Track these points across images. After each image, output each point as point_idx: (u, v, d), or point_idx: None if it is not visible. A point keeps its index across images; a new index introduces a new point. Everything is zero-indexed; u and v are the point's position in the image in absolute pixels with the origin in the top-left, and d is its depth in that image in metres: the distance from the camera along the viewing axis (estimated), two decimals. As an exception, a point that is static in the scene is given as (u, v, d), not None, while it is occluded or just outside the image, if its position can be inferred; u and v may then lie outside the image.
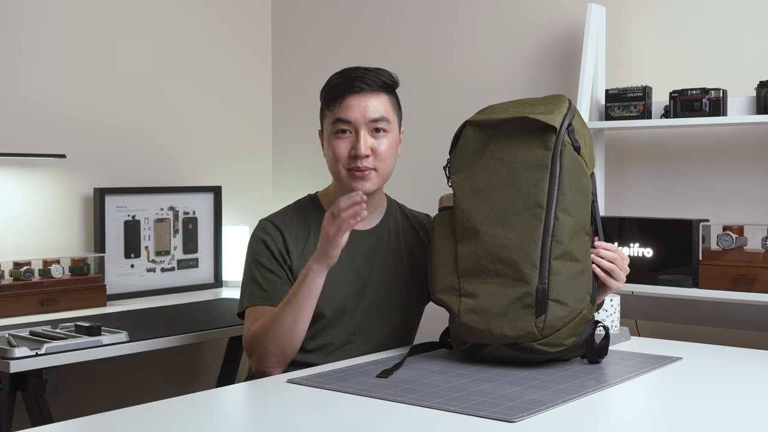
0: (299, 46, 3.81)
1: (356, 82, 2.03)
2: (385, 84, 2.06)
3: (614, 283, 1.91)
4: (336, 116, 2.03)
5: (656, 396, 1.74)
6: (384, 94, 2.06)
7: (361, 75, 2.04)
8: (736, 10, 2.82)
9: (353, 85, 2.03)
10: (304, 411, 1.59)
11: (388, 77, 2.07)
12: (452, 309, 1.87)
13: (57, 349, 2.28)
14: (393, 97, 2.10)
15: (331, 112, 2.05)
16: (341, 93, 2.04)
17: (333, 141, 2.05)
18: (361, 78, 2.03)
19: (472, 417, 1.50)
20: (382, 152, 2.04)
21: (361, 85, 2.03)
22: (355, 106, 2.02)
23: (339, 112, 2.03)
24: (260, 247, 2.07)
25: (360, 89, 2.03)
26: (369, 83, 2.03)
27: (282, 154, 3.88)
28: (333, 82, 2.07)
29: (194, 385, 3.47)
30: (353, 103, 2.03)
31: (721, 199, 2.84)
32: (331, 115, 2.05)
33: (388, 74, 2.08)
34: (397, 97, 2.11)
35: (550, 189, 1.82)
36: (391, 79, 2.08)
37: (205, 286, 3.49)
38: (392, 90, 2.09)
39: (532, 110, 1.88)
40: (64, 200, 3.16)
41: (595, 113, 2.92)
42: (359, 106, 2.02)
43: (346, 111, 2.02)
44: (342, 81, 2.05)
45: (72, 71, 3.18)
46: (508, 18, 3.27)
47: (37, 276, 2.92)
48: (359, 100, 2.03)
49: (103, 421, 1.50)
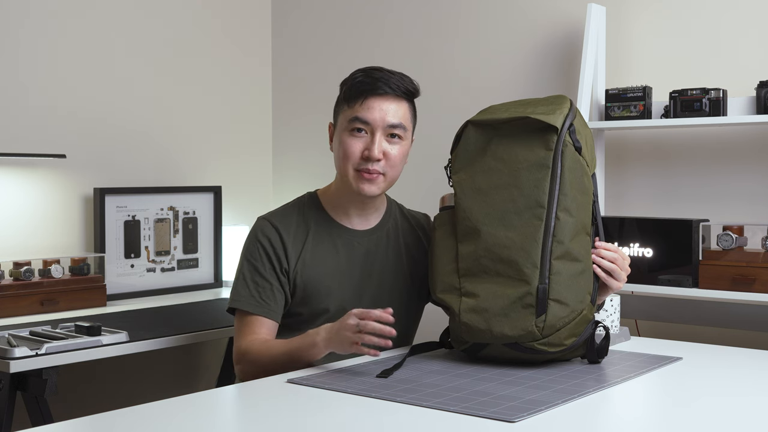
0: (299, 46, 3.81)
1: (381, 84, 2.01)
2: (408, 91, 2.05)
3: (615, 283, 1.91)
4: (355, 114, 2.02)
5: (656, 396, 1.74)
6: (405, 101, 2.05)
7: (386, 78, 2.02)
8: (737, 11, 2.82)
9: (378, 86, 2.01)
10: (304, 411, 1.59)
11: (411, 84, 2.06)
12: (453, 308, 1.87)
13: (57, 349, 2.28)
14: (412, 106, 2.09)
15: (350, 109, 2.03)
16: (364, 92, 2.02)
17: (346, 138, 2.03)
18: (385, 81, 2.02)
19: (472, 417, 1.50)
20: (393, 158, 2.03)
21: (385, 88, 2.01)
22: (376, 108, 2.01)
23: (359, 110, 2.01)
24: (256, 248, 2.06)
25: (384, 92, 2.01)
26: (392, 87, 2.02)
27: (282, 154, 3.88)
28: (356, 79, 2.04)
29: (194, 385, 3.47)
30: (375, 105, 2.01)
31: (721, 199, 2.84)
32: (350, 111, 2.03)
33: (411, 81, 2.06)
34: (414, 106, 2.10)
35: (551, 189, 1.82)
36: (413, 87, 2.06)
37: (205, 286, 3.49)
38: (412, 98, 2.08)
39: (534, 110, 1.88)
40: (64, 200, 3.15)
41: (595, 113, 2.92)
42: (380, 108, 2.01)
43: (367, 111, 2.01)
44: (366, 80, 2.03)
45: (72, 71, 3.18)
46: (509, 18, 3.27)
47: (37, 276, 2.92)
48: (381, 102, 2.01)
49: (103, 421, 1.50)
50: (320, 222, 2.10)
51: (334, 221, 2.11)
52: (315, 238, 2.08)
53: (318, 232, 2.09)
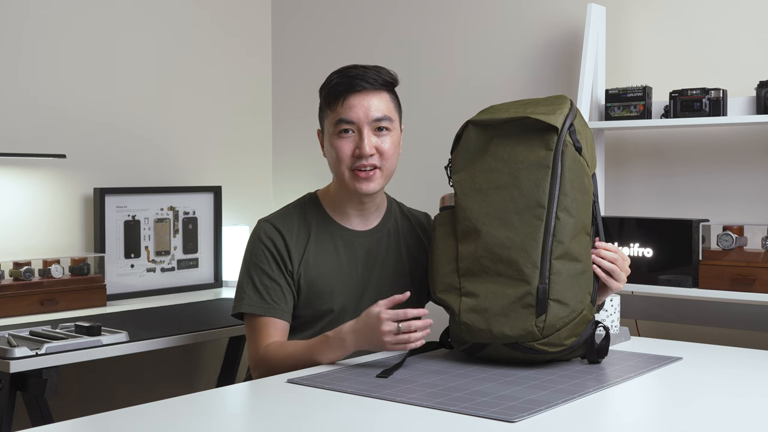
0: (299, 46, 3.81)
1: (357, 81, 2.02)
2: (386, 82, 2.05)
3: (615, 283, 1.91)
4: (338, 116, 2.02)
5: (656, 396, 1.74)
6: (385, 93, 2.05)
7: (362, 74, 2.03)
8: (737, 10, 2.82)
9: (354, 84, 2.01)
10: (304, 411, 1.59)
11: (388, 75, 2.06)
12: (453, 308, 1.87)
13: (57, 349, 2.28)
14: (393, 95, 2.09)
15: (333, 112, 2.04)
16: (342, 92, 2.02)
17: (336, 141, 2.03)
18: (361, 77, 2.02)
19: (472, 417, 1.50)
20: (386, 151, 2.03)
21: (362, 83, 2.02)
22: (357, 106, 2.01)
23: (341, 112, 2.02)
24: (260, 251, 2.05)
25: (362, 88, 2.02)
26: (370, 81, 2.02)
27: (282, 154, 3.88)
28: (332, 82, 2.05)
29: (194, 385, 3.47)
30: (355, 103, 2.01)
31: (721, 199, 2.84)
32: (333, 115, 2.03)
33: (387, 72, 2.07)
34: (396, 95, 2.10)
35: (552, 189, 1.82)
36: (391, 77, 2.06)
37: (205, 286, 3.49)
38: (392, 88, 2.08)
39: (534, 110, 1.88)
40: (64, 200, 3.15)
41: (595, 113, 2.92)
42: (361, 105, 2.01)
43: (349, 111, 2.01)
44: (342, 80, 2.03)
45: (72, 71, 3.18)
46: (508, 18, 3.27)
47: (37, 276, 2.92)
48: (361, 99, 2.02)
49: (103, 421, 1.50)
50: (321, 223, 2.10)
51: (335, 222, 2.11)
52: (317, 239, 2.08)
53: (319, 233, 2.09)
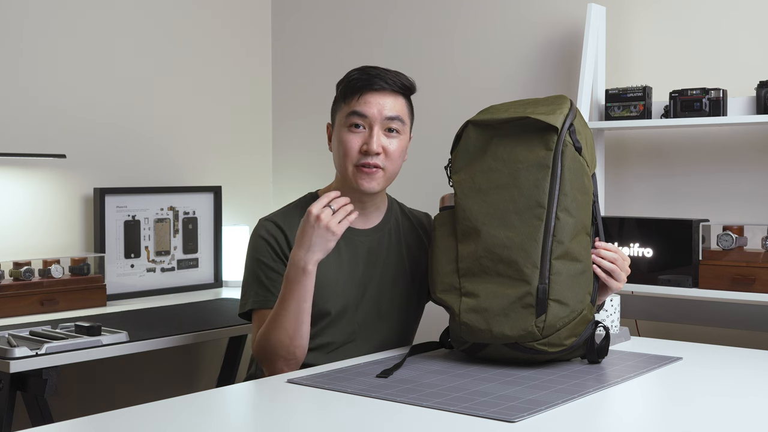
0: (299, 46, 3.81)
1: (377, 80, 2.03)
2: (405, 87, 2.07)
3: (615, 283, 1.91)
4: (352, 109, 2.03)
5: (656, 396, 1.74)
6: (401, 97, 2.07)
7: (382, 74, 2.05)
8: (737, 10, 2.82)
9: (373, 81, 2.03)
10: (304, 411, 1.59)
11: (407, 80, 2.08)
12: (453, 308, 1.87)
13: (57, 349, 2.28)
14: (408, 102, 2.11)
15: (347, 105, 2.05)
16: (360, 88, 2.04)
17: (345, 134, 2.04)
18: (381, 76, 2.04)
19: (472, 417, 1.50)
20: (392, 152, 2.04)
21: (381, 83, 2.03)
22: (373, 102, 2.03)
23: (356, 105, 2.03)
24: (262, 246, 2.06)
25: (380, 87, 2.03)
26: (389, 83, 2.04)
27: (282, 154, 3.88)
28: (352, 77, 2.06)
29: (194, 385, 3.47)
30: (371, 99, 2.03)
31: (721, 199, 2.84)
32: (347, 108, 2.05)
33: (407, 78, 2.09)
34: (411, 103, 2.12)
35: (551, 189, 1.82)
36: (409, 83, 2.09)
37: (205, 286, 3.49)
38: (409, 94, 2.10)
39: (534, 110, 1.88)
40: (64, 200, 3.15)
41: (595, 113, 2.92)
42: (377, 102, 2.03)
43: (364, 105, 2.03)
44: (362, 77, 2.05)
45: (72, 71, 3.18)
46: (508, 18, 3.27)
47: (37, 276, 2.92)
48: (377, 97, 2.03)
49: (103, 421, 1.50)
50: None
51: (336, 220, 2.11)
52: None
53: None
